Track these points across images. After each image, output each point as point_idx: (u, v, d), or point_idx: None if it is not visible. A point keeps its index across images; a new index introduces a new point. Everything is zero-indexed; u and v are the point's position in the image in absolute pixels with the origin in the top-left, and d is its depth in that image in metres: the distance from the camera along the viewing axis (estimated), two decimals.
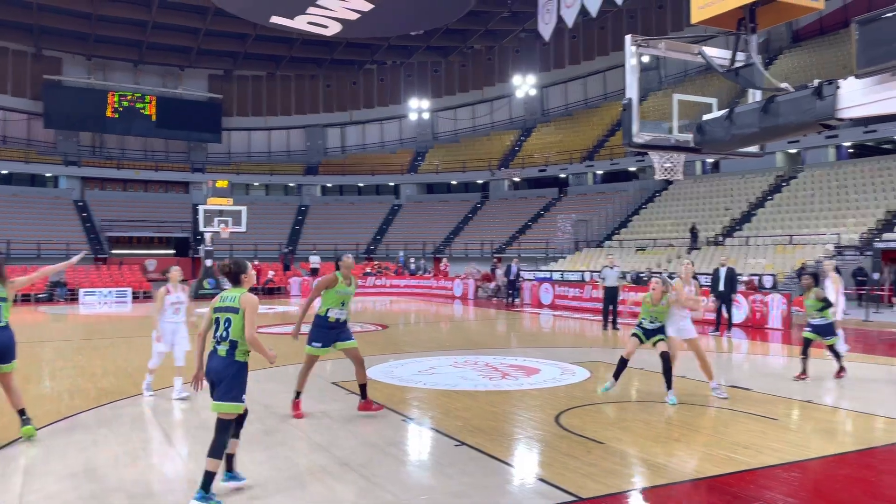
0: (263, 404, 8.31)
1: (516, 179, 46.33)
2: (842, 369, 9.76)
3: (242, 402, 5.17)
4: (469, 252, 38.41)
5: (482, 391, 9.08)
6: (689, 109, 7.08)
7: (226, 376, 5.10)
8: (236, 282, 5.35)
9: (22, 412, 6.85)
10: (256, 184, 50.15)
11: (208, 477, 4.93)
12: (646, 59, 6.67)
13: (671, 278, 9.18)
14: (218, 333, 5.19)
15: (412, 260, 35.89)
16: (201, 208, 30.51)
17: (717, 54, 6.72)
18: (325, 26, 26.73)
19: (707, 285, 17.34)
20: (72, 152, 46.01)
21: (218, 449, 5.02)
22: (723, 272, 15.94)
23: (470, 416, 7.72)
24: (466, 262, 36.03)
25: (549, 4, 30.80)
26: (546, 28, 31.26)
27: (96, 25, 41.17)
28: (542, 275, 30.23)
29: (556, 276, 29.79)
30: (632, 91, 6.48)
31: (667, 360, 8.31)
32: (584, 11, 29.38)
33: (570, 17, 29.39)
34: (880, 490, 5.33)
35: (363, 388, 7.84)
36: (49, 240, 37.12)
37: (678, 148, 6.64)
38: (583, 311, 22.29)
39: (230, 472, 5.38)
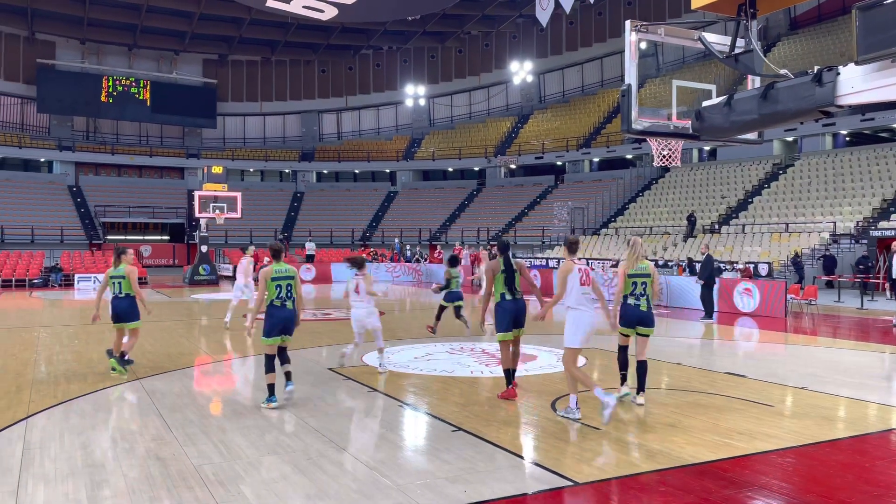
0: (262, 389, 8.32)
1: (513, 167, 46.25)
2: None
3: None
4: (466, 239, 38.37)
5: (478, 377, 9.11)
6: (687, 96, 7.06)
7: (293, 321, 7.54)
8: (278, 258, 7.66)
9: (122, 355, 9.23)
10: (251, 170, 49.95)
11: (289, 374, 7.55)
12: (643, 45, 6.61)
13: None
14: (283, 294, 7.43)
15: (408, 247, 35.86)
16: (197, 194, 30.40)
17: (716, 40, 6.67)
18: (321, 10, 26.44)
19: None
20: (66, 137, 45.74)
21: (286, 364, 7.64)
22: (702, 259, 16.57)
23: (466, 401, 7.74)
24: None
25: None
26: (543, 14, 31.08)
27: (90, 9, 40.79)
28: (538, 262, 30.24)
29: (553, 263, 29.80)
30: (631, 77, 6.43)
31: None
32: None
33: (567, 3, 29.22)
34: (873, 476, 5.37)
35: (513, 372, 7.89)
36: (43, 225, 37.01)
37: (677, 135, 6.61)
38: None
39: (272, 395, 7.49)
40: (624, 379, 7.75)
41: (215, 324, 15.26)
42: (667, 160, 7.64)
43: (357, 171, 50.63)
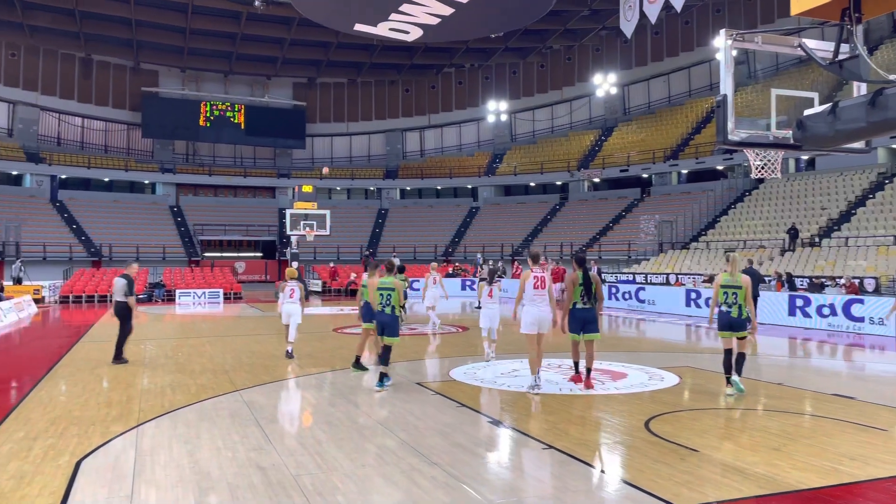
0: (354, 403, 8.50)
1: (596, 180, 45.55)
2: None
3: (398, 336, 9.52)
4: (549, 254, 38.01)
5: (567, 395, 8.99)
6: (783, 104, 6.79)
7: (391, 324, 9.37)
8: (391, 272, 9.55)
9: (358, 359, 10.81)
10: (338, 188, 51.33)
11: (382, 376, 9.32)
12: (734, 53, 6.39)
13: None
14: (383, 301, 9.31)
15: (490, 262, 35.80)
16: (288, 212, 31.48)
17: (818, 46, 6.40)
18: (407, 32, 27.02)
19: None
20: (167, 160, 48.47)
21: (386, 359, 9.37)
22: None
23: (556, 419, 7.66)
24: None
25: (632, 0, 30.13)
26: (628, 25, 30.58)
27: (190, 39, 43.21)
28: (624, 277, 29.62)
29: (640, 278, 29.12)
30: (726, 87, 6.26)
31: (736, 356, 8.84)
32: (667, 6, 28.55)
33: (653, 13, 28.64)
34: None
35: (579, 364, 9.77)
36: (147, 243, 39.22)
37: (777, 145, 6.37)
38: (667, 314, 21.71)
39: (381, 382, 9.32)
40: (728, 381, 8.70)
41: (306, 337, 15.70)
42: (765, 171, 7.36)
43: (439, 188, 51.15)
